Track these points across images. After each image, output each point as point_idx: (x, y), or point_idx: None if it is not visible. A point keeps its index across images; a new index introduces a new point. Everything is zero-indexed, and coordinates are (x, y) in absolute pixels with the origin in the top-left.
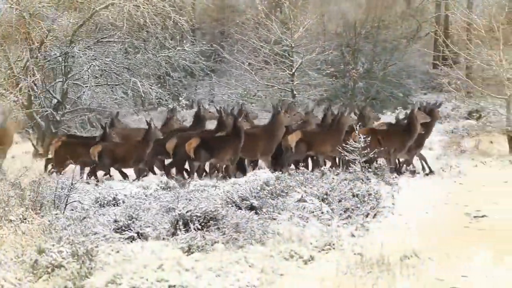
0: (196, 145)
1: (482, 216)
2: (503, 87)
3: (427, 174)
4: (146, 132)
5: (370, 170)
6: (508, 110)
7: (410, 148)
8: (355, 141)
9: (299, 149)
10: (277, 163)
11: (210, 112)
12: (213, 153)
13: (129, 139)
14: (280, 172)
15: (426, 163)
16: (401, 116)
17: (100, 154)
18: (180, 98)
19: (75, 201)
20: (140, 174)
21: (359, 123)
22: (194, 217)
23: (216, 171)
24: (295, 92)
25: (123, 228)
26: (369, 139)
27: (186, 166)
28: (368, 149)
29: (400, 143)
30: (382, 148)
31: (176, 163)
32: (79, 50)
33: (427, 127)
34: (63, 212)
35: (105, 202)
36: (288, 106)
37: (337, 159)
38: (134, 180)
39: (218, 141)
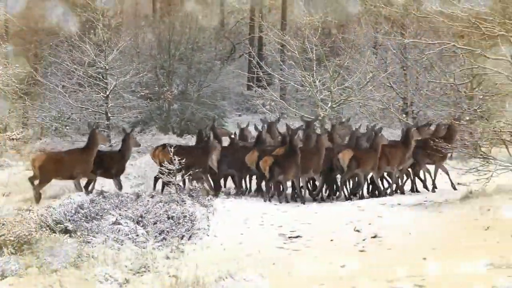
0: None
1: (297, 237)
2: (317, 108)
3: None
4: (256, 138)
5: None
6: (320, 130)
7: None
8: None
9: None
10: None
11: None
12: (359, 165)
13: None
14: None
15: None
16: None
17: (220, 160)
18: None
19: None
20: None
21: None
22: (8, 241)
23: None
24: (109, 115)
25: None
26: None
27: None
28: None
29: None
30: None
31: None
32: None
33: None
34: None
35: None
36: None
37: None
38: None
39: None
